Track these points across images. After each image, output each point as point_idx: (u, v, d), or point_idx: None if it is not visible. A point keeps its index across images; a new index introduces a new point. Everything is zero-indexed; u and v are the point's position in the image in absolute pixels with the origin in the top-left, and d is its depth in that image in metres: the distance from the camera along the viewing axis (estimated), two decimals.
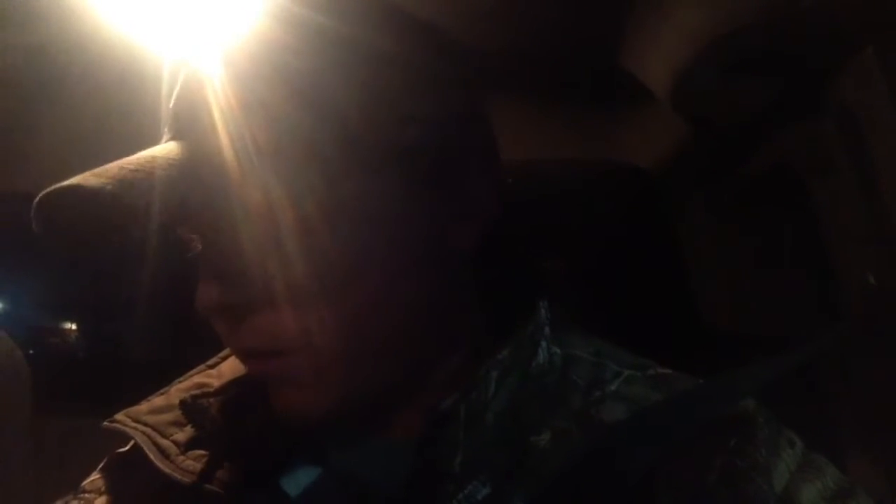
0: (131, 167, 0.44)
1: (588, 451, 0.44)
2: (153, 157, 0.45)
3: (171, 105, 0.49)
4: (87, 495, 0.58)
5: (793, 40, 0.79)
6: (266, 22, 0.46)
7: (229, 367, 0.61)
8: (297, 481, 0.51)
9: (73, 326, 2.05)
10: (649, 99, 0.97)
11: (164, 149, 0.46)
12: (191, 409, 0.56)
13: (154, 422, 0.56)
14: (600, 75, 1.01)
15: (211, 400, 0.57)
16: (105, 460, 0.62)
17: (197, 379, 0.61)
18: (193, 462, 0.53)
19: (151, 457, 0.53)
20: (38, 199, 0.43)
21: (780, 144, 0.96)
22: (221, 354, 0.63)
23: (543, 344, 0.53)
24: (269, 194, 0.43)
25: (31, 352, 1.88)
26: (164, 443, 0.55)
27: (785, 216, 1.01)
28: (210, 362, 0.63)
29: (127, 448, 0.60)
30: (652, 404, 0.48)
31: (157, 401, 0.59)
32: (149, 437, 0.55)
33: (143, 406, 0.59)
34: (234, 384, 0.58)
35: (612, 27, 0.93)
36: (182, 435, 0.55)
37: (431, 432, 0.47)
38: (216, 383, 0.59)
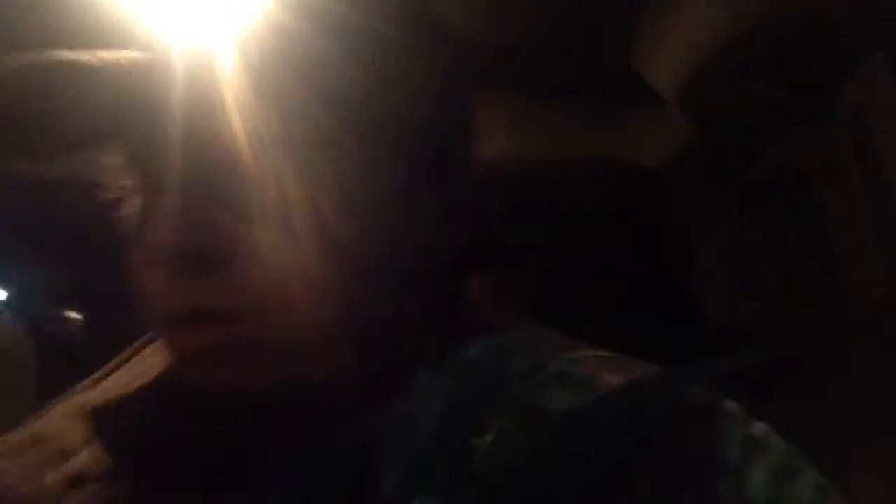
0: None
1: (532, 449, 0.42)
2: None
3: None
4: None
5: (801, 44, 0.79)
6: (276, 8, 0.46)
7: (123, 382, 0.53)
8: None
9: (79, 314, 2.06)
10: (658, 100, 0.97)
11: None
12: (101, 421, 0.46)
13: (16, 469, 0.49)
14: (609, 75, 1.00)
15: (125, 412, 0.50)
16: None
17: (80, 399, 0.53)
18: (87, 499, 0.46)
19: None
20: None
21: (790, 147, 0.95)
22: (104, 371, 0.54)
23: (473, 337, 0.49)
24: (265, 157, 0.40)
25: (36, 338, 1.88)
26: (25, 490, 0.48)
27: (793, 219, 1.01)
28: (87, 382, 0.53)
29: None
30: (596, 397, 0.45)
31: (18, 438, 0.47)
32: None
33: None
34: (143, 396, 0.50)
35: (621, 27, 0.92)
36: (59, 474, 0.48)
37: (357, 454, 0.43)
38: (114, 396, 0.51)
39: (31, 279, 2.03)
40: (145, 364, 0.49)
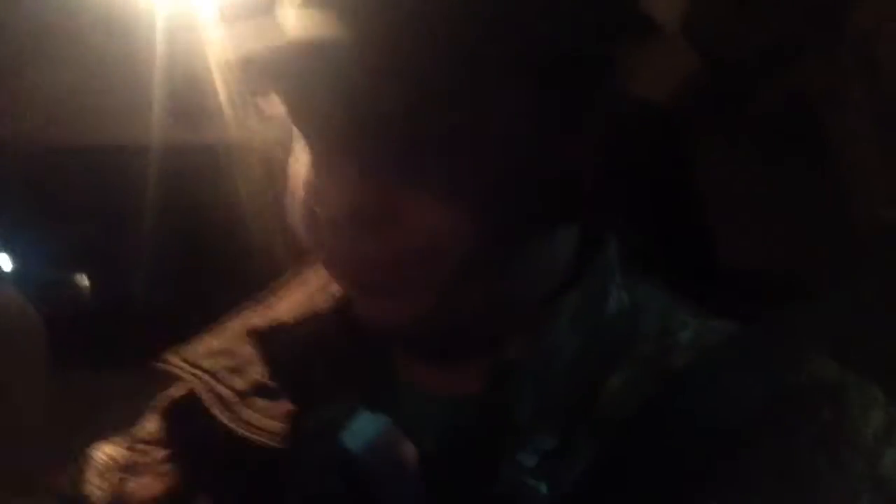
0: None
1: (658, 401, 0.44)
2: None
3: None
4: (143, 446, 0.58)
5: None
6: None
7: (289, 302, 0.59)
8: (358, 434, 0.50)
9: (86, 281, 2.07)
10: (659, 32, 0.94)
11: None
12: (266, 342, 0.54)
13: (210, 366, 0.55)
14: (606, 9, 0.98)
15: (284, 335, 0.55)
16: (157, 406, 0.60)
17: (250, 319, 0.59)
18: (254, 413, 0.51)
19: (210, 406, 0.52)
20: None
21: (796, 75, 0.93)
22: (272, 289, 0.61)
23: (614, 292, 0.51)
24: (416, 97, 0.43)
25: (44, 307, 1.90)
26: (223, 391, 0.53)
27: (800, 149, 0.99)
28: (260, 298, 0.60)
29: (181, 394, 0.59)
30: (717, 351, 0.47)
31: (213, 343, 0.57)
32: (206, 384, 0.53)
33: (199, 348, 0.57)
34: (309, 320, 0.56)
35: None
36: (241, 382, 0.54)
37: (496, 384, 0.46)
38: (286, 320, 0.56)
39: (36, 246, 2.04)
40: (307, 289, 0.57)
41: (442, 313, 0.47)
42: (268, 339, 0.55)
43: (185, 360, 0.56)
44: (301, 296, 0.59)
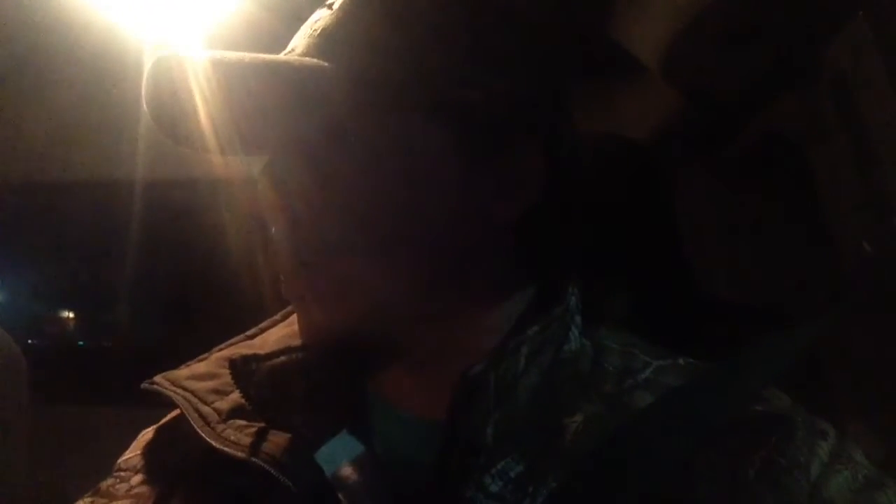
0: None
1: (621, 434, 0.45)
2: None
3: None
4: (122, 473, 0.58)
5: (785, 8, 0.78)
6: None
7: (274, 337, 0.61)
8: (333, 454, 0.52)
9: (71, 315, 2.05)
10: (642, 70, 0.96)
11: None
12: (239, 371, 0.56)
13: (195, 388, 0.56)
14: (591, 47, 1.00)
15: (259, 365, 0.57)
16: (139, 437, 0.62)
17: (236, 349, 0.61)
18: (234, 432, 0.52)
19: (192, 422, 0.53)
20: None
21: (776, 113, 0.95)
22: (261, 326, 0.64)
23: (575, 331, 0.53)
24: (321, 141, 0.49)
25: (29, 341, 1.90)
26: (205, 410, 0.54)
27: (782, 185, 1.01)
28: (249, 333, 0.63)
29: (161, 423, 0.61)
30: (678, 387, 0.48)
31: (198, 367, 0.59)
32: (190, 403, 0.55)
33: (183, 371, 0.59)
34: (283, 351, 0.58)
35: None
36: (223, 403, 0.55)
37: (461, 398, 0.47)
38: (261, 352, 0.59)
39: (20, 282, 2.03)
40: (291, 326, 0.60)
41: (368, 327, 0.51)
42: (240, 367, 0.56)
43: (169, 381, 0.57)
44: (285, 331, 0.62)
